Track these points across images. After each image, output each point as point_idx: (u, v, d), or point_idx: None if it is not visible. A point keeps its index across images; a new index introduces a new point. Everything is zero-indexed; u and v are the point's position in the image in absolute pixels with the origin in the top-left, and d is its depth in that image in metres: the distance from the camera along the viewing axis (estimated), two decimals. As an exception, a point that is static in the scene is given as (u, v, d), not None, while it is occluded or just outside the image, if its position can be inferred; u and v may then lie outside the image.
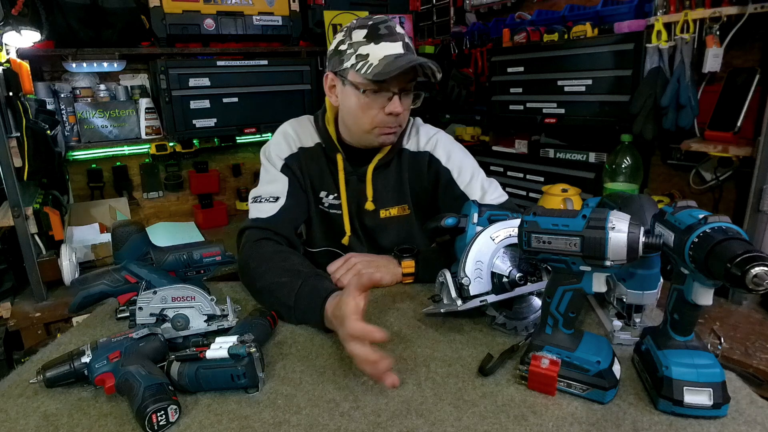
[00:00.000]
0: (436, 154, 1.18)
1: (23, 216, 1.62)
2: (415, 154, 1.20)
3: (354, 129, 1.11)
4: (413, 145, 1.20)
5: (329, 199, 1.20)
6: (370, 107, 1.04)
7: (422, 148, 1.20)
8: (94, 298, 0.91)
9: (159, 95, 2.26)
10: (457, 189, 1.16)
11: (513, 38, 2.23)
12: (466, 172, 1.17)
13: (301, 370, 0.78)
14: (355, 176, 1.18)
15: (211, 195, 2.72)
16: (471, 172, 1.17)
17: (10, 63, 1.69)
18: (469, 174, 1.17)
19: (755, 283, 0.53)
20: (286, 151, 1.18)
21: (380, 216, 1.20)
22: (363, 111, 1.05)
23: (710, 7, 1.53)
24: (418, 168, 1.20)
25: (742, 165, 1.61)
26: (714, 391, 0.63)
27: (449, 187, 1.17)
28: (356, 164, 1.18)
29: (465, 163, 1.18)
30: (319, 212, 1.22)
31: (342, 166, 1.16)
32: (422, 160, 1.19)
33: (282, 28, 2.50)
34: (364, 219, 1.21)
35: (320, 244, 1.24)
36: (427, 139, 1.20)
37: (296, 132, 1.20)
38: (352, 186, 1.18)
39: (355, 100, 1.05)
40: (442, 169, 1.17)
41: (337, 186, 1.18)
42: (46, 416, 0.68)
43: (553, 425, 0.64)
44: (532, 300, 0.87)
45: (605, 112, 1.87)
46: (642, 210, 0.79)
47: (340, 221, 1.20)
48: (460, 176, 1.16)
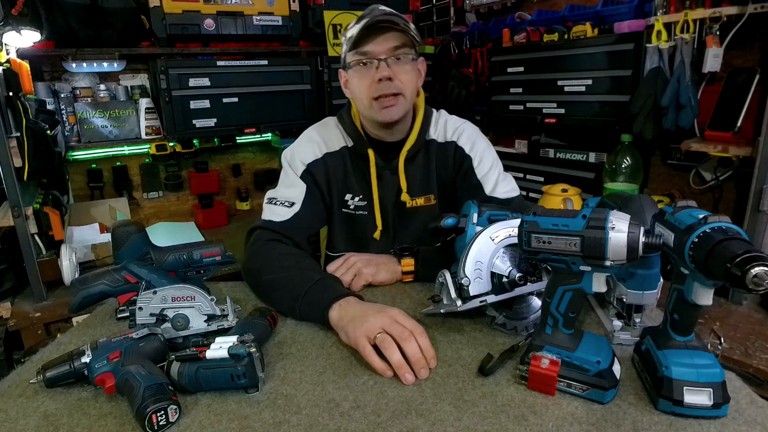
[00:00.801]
0: (460, 143, 1.20)
1: (23, 216, 1.62)
2: (442, 144, 1.21)
3: (362, 110, 1.14)
4: (440, 136, 1.22)
5: (355, 201, 1.21)
6: (363, 79, 1.08)
7: (449, 139, 1.21)
8: (94, 298, 0.90)
9: (159, 95, 2.26)
10: (474, 177, 1.17)
11: (513, 38, 2.23)
12: (486, 162, 1.18)
13: (301, 370, 0.78)
14: (388, 170, 1.19)
15: (211, 195, 2.73)
16: (491, 162, 1.19)
17: (10, 63, 1.69)
18: (489, 164, 1.18)
19: (755, 283, 0.52)
20: (311, 157, 1.17)
21: (406, 206, 1.20)
22: (360, 86, 1.09)
23: (710, 7, 1.53)
24: (444, 158, 1.21)
25: (742, 165, 1.61)
26: (714, 391, 0.63)
27: (468, 174, 1.18)
28: (386, 159, 1.18)
29: (486, 154, 1.20)
30: (343, 215, 1.22)
31: (374, 161, 1.17)
32: (449, 150, 1.21)
33: (282, 28, 2.50)
34: (395, 212, 1.22)
35: (341, 248, 1.24)
36: (453, 129, 1.21)
37: (322, 136, 1.20)
38: (385, 180, 1.19)
39: (354, 80, 1.10)
40: (465, 157, 1.19)
41: (368, 183, 1.19)
42: (46, 416, 0.68)
43: (553, 425, 0.64)
44: (532, 300, 0.87)
45: (605, 112, 1.87)
46: (642, 210, 0.79)
47: (366, 221, 1.20)
48: (480, 165, 1.18)
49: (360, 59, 1.07)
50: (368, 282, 1.06)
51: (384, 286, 1.07)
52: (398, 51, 1.06)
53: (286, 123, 2.57)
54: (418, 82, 1.14)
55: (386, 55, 1.05)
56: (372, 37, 1.04)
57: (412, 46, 1.09)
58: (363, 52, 1.06)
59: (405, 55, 1.07)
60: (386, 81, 1.05)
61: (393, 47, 1.06)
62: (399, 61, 1.07)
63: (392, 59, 1.06)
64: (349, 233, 1.24)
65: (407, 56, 1.08)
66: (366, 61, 1.06)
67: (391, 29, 1.04)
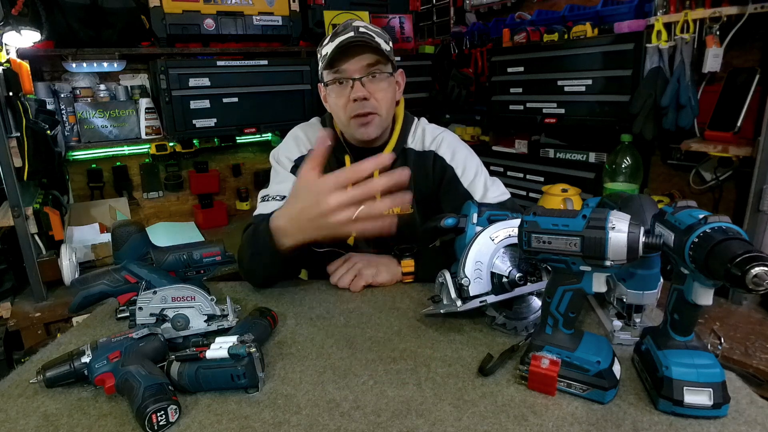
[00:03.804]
0: (440, 153, 1.19)
1: (23, 216, 1.62)
2: (421, 153, 1.21)
3: (340, 125, 1.15)
4: (418, 145, 1.21)
5: None
6: (340, 97, 1.09)
7: (427, 148, 1.20)
8: (94, 298, 0.90)
9: (159, 95, 2.26)
10: (461, 186, 1.16)
11: (513, 38, 2.23)
12: (470, 170, 1.18)
13: (301, 370, 0.78)
14: None
15: (211, 195, 2.73)
16: (475, 170, 1.18)
17: (10, 63, 1.69)
18: (473, 172, 1.17)
19: (755, 283, 0.52)
20: (296, 153, 1.19)
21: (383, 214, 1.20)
22: (336, 104, 1.10)
23: (710, 7, 1.53)
24: (423, 167, 1.20)
25: (742, 165, 1.61)
26: (714, 391, 0.63)
27: (452, 184, 1.18)
28: None
29: (469, 161, 1.19)
30: None
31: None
32: (427, 160, 1.20)
33: (282, 28, 2.50)
34: None
35: (325, 245, 1.24)
36: (432, 138, 1.21)
37: (307, 135, 1.22)
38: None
39: (331, 97, 1.12)
40: (446, 167, 1.18)
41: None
42: (46, 416, 0.68)
43: (553, 425, 0.64)
44: (532, 300, 0.87)
45: (605, 112, 1.87)
46: (642, 210, 0.79)
47: None
48: (464, 174, 1.17)
49: (336, 78, 1.08)
50: (369, 282, 1.06)
51: (384, 287, 1.07)
52: (373, 68, 1.07)
53: (286, 123, 2.53)
54: (396, 96, 1.15)
55: (360, 74, 1.06)
56: (346, 56, 1.05)
57: (387, 61, 1.10)
58: (337, 70, 1.07)
59: (380, 72, 1.08)
60: (361, 101, 1.06)
61: (367, 65, 1.07)
62: (374, 78, 1.08)
63: (367, 78, 1.07)
64: None
65: (383, 74, 1.09)
66: (342, 80, 1.07)
67: (366, 47, 1.05)
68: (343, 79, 1.07)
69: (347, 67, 1.06)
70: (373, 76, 1.08)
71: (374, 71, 1.07)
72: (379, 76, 1.08)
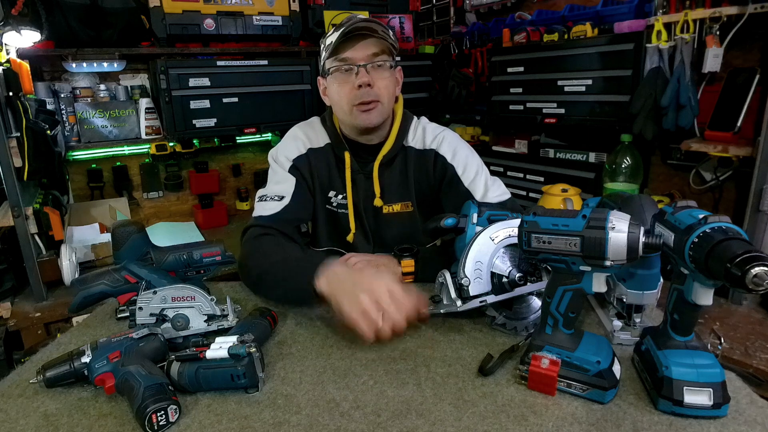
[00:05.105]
0: (441, 151, 1.19)
1: (23, 216, 1.62)
2: (421, 152, 1.21)
3: (341, 115, 1.15)
4: (419, 143, 1.21)
5: (338, 198, 1.22)
6: (343, 85, 1.09)
7: (428, 146, 1.21)
8: (94, 298, 0.91)
9: (159, 95, 2.26)
10: (462, 186, 1.17)
11: (513, 38, 2.23)
12: (471, 169, 1.18)
13: (301, 370, 0.78)
14: (362, 174, 1.20)
15: (211, 195, 2.72)
16: (476, 169, 1.18)
17: (10, 63, 1.69)
18: (474, 171, 1.18)
19: (755, 283, 0.53)
20: (295, 153, 1.19)
21: (383, 212, 1.21)
22: (339, 92, 1.10)
23: (710, 7, 1.53)
24: (424, 166, 1.21)
25: (742, 165, 1.61)
26: (714, 391, 0.63)
27: (453, 183, 1.18)
28: (363, 162, 1.19)
29: (470, 160, 1.19)
30: (327, 212, 1.23)
31: (349, 164, 1.18)
32: (428, 158, 1.20)
33: (282, 28, 2.50)
34: (369, 216, 1.22)
35: (325, 244, 1.26)
36: (432, 137, 1.21)
37: (306, 134, 1.22)
38: (359, 184, 1.20)
39: (333, 86, 1.11)
40: (447, 166, 1.18)
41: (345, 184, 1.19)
42: (46, 416, 0.68)
43: (553, 425, 0.64)
44: (532, 300, 0.87)
45: (605, 112, 1.87)
46: (642, 210, 0.79)
47: (347, 220, 1.21)
48: (464, 173, 1.17)
49: (339, 65, 1.08)
50: None
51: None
52: (377, 58, 1.08)
53: (286, 123, 2.50)
54: (396, 90, 1.16)
55: (365, 61, 1.07)
56: (351, 43, 1.06)
57: (390, 54, 1.10)
58: (342, 58, 1.07)
59: (384, 62, 1.09)
60: (366, 87, 1.07)
61: (372, 54, 1.07)
62: (378, 68, 1.08)
63: (371, 66, 1.07)
64: (331, 230, 1.25)
65: (386, 63, 1.09)
66: (346, 68, 1.08)
67: (370, 36, 1.06)
68: (348, 66, 1.07)
69: (352, 54, 1.07)
70: (378, 65, 1.08)
71: (378, 60, 1.08)
72: (383, 66, 1.09)
